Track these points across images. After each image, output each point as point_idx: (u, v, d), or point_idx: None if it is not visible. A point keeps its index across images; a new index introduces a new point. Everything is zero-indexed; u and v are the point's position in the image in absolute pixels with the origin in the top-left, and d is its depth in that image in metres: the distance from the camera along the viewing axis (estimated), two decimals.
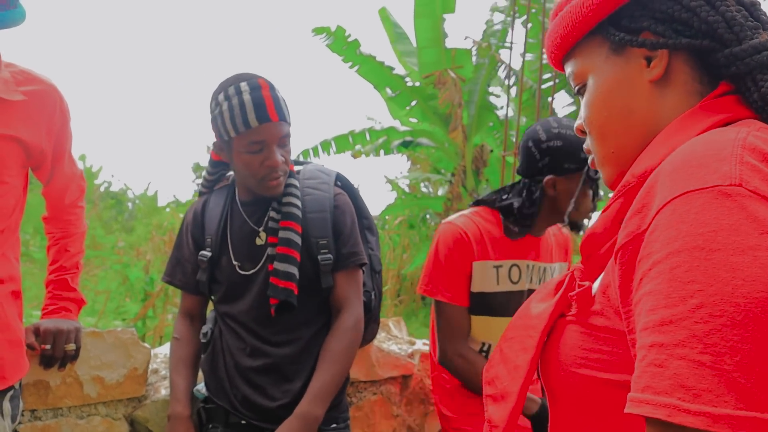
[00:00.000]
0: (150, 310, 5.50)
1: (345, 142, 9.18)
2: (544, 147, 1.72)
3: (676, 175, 0.57)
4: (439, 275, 1.79)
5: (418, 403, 2.35)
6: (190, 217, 1.76)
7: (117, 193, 15.41)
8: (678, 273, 0.52)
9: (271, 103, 1.55)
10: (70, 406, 1.73)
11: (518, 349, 0.79)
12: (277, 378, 1.62)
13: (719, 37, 0.69)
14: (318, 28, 8.31)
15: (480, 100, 8.51)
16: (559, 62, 0.84)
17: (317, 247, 1.64)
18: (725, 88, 0.70)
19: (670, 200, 0.56)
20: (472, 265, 1.77)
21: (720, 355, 0.48)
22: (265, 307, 1.61)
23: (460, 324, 1.79)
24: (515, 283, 1.79)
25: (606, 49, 0.76)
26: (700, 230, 0.53)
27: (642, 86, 0.73)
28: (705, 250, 0.52)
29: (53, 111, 1.52)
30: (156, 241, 8.82)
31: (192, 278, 1.72)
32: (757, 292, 0.49)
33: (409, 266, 9.63)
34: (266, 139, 1.55)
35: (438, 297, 1.80)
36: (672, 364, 0.50)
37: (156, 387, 1.91)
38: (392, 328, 2.60)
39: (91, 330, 1.78)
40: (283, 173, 1.61)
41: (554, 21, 0.81)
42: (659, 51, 0.72)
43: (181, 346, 1.73)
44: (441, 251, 1.80)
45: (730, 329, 0.48)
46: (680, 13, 0.70)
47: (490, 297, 1.79)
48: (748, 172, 0.55)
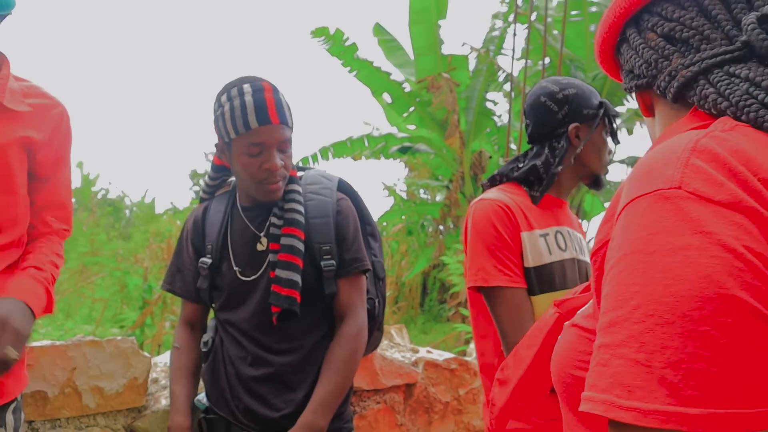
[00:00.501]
0: (148, 318, 5.46)
1: (343, 148, 9.17)
2: (561, 97, 1.64)
3: (633, 182, 0.61)
4: (489, 258, 1.55)
5: (422, 412, 2.32)
6: (191, 224, 1.73)
7: (114, 201, 15.40)
8: (623, 276, 0.56)
9: (272, 105, 1.52)
10: (68, 417, 1.70)
11: (525, 345, 0.90)
12: (279, 387, 1.59)
13: (649, 75, 0.76)
14: (317, 29, 8.34)
15: (478, 106, 8.51)
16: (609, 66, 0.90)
17: (320, 253, 1.61)
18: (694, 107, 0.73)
19: (624, 207, 0.59)
20: (521, 236, 1.57)
21: (652, 353, 0.51)
22: (266, 315, 1.58)
23: (526, 309, 1.53)
24: (564, 250, 1.63)
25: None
26: (641, 234, 0.56)
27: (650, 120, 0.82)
28: (644, 253, 0.55)
29: (57, 126, 1.52)
30: (153, 249, 8.79)
31: (192, 286, 1.69)
32: (685, 291, 0.51)
33: (408, 273, 9.61)
34: (265, 141, 1.52)
35: (494, 283, 1.53)
36: (613, 363, 0.53)
37: (156, 397, 1.88)
38: (394, 335, 2.57)
39: (90, 339, 1.75)
40: (282, 178, 1.58)
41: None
42: (634, 93, 0.81)
43: (182, 355, 1.69)
44: (484, 232, 1.56)
45: (661, 328, 0.51)
46: (634, 59, 0.78)
47: (547, 269, 1.59)
48: (690, 173, 0.56)
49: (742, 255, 0.52)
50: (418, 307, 10.29)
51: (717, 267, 0.51)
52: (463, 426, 2.38)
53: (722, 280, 0.51)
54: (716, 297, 0.51)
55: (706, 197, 0.54)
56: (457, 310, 7.28)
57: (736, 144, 0.58)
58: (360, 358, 1.64)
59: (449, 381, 2.39)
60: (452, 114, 8.18)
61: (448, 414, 2.37)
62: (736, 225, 0.53)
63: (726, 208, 0.54)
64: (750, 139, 0.59)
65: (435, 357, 2.41)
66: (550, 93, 1.65)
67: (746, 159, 0.56)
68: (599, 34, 0.82)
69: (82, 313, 6.49)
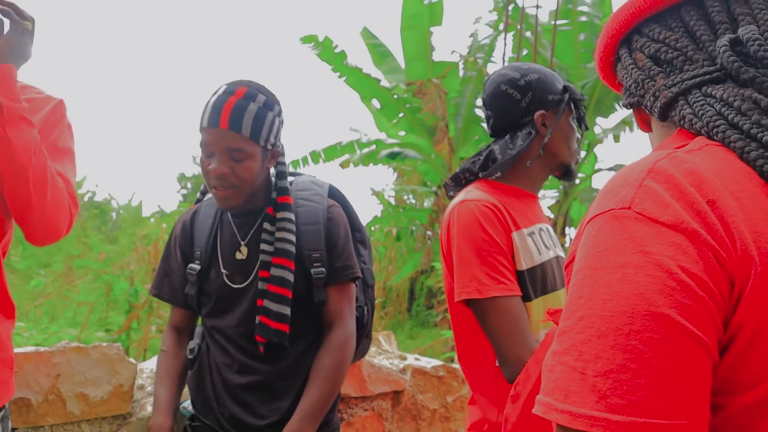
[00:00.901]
0: (134, 323, 5.42)
1: (334, 152, 9.17)
2: (523, 83, 1.51)
3: (596, 200, 0.65)
4: (481, 265, 1.38)
5: (409, 419, 2.31)
6: (179, 228, 1.71)
7: (101, 203, 15.28)
8: (575, 289, 0.60)
9: (229, 110, 1.48)
10: (52, 425, 1.68)
11: (534, 360, 0.94)
12: (265, 395, 1.58)
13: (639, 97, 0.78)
14: (306, 36, 8.34)
15: (467, 113, 8.55)
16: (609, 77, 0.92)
17: (310, 260, 1.60)
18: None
19: (585, 224, 0.64)
20: (512, 237, 1.42)
21: (587, 362, 0.55)
22: (254, 324, 1.57)
23: (524, 318, 1.37)
24: (549, 249, 1.53)
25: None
26: (592, 251, 0.60)
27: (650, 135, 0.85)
28: (592, 269, 0.59)
29: (51, 117, 1.48)
30: (140, 252, 8.73)
31: (180, 291, 1.67)
32: (620, 306, 0.55)
33: (394, 278, 9.61)
34: (210, 144, 1.51)
35: (490, 294, 1.36)
36: (557, 369, 0.58)
37: (142, 404, 1.86)
38: (382, 342, 2.57)
39: (75, 345, 1.73)
40: (230, 187, 1.52)
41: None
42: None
43: (168, 358, 1.68)
44: (473, 236, 1.40)
45: (597, 339, 0.55)
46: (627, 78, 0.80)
47: (540, 270, 1.47)
48: (641, 194, 0.60)
49: (676, 275, 0.55)
50: (405, 312, 10.29)
51: (650, 285, 0.55)
52: None
53: (653, 298, 0.55)
54: (647, 314, 0.54)
55: (652, 218, 0.58)
56: (444, 316, 7.28)
57: (693, 165, 0.61)
58: (348, 367, 1.63)
59: (437, 388, 2.39)
60: (441, 121, 8.20)
61: (435, 421, 2.36)
62: (675, 246, 0.56)
63: (669, 228, 0.57)
64: (716, 158, 0.62)
65: (423, 364, 2.41)
66: (511, 80, 1.52)
67: (699, 180, 0.59)
68: (597, 53, 0.84)
69: (67, 317, 6.43)
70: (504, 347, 1.35)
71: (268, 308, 1.54)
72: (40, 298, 6.83)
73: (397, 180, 12.14)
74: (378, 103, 8.82)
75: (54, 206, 1.34)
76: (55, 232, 1.40)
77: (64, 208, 1.39)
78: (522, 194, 1.55)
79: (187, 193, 23.17)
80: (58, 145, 1.46)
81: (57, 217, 1.37)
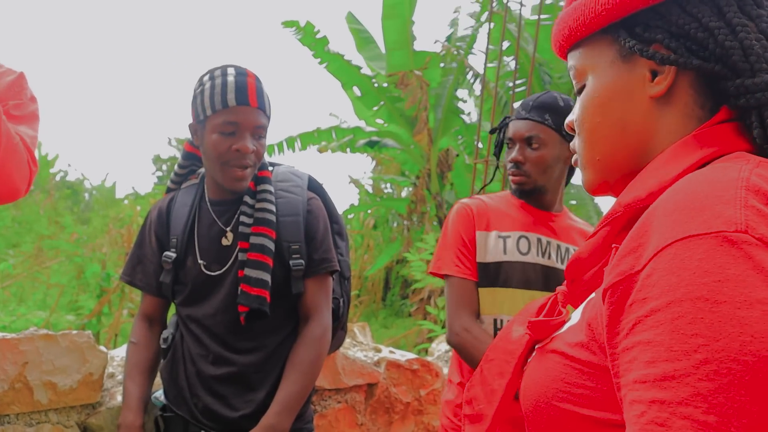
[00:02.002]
0: (105, 307, 5.34)
1: (310, 138, 9.11)
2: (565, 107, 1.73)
3: (676, 216, 0.54)
4: (446, 250, 1.74)
5: (382, 412, 2.31)
6: (155, 215, 1.68)
7: (73, 183, 15.04)
8: (680, 324, 0.49)
9: (253, 89, 1.52)
10: (18, 413, 1.64)
11: (495, 373, 0.79)
12: (240, 387, 1.57)
13: (732, 65, 0.65)
14: (287, 21, 8.27)
15: (447, 104, 8.54)
16: (564, 52, 0.80)
17: (289, 252, 1.59)
18: (724, 116, 0.67)
19: (669, 243, 0.53)
20: (476, 234, 1.71)
21: (726, 416, 0.45)
22: (231, 313, 1.55)
23: (468, 297, 1.68)
24: (524, 254, 1.70)
25: (613, 52, 0.72)
26: (704, 279, 0.49)
27: (642, 100, 0.70)
28: (710, 302, 0.48)
29: (9, 85, 1.47)
30: (113, 235, 8.61)
31: (154, 279, 1.65)
32: (767, 350, 0.46)
33: (370, 268, 9.61)
34: (241, 122, 1.50)
35: (445, 271, 1.71)
36: (675, 424, 0.47)
37: (112, 393, 1.83)
38: (357, 334, 2.56)
39: (45, 333, 1.69)
40: (251, 165, 1.55)
41: (567, 8, 0.77)
42: (666, 67, 0.68)
43: (138, 350, 1.65)
44: (448, 227, 1.76)
45: (737, 389, 0.45)
46: (696, 32, 0.66)
47: (495, 266, 1.70)
48: (753, 217, 0.51)
49: None
50: (380, 301, 10.32)
51: None
52: (423, 426, 2.39)
53: None
54: None
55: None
56: (419, 306, 7.30)
57: None
58: (324, 360, 1.63)
59: (411, 381, 2.39)
60: (422, 111, 8.18)
61: (408, 414, 2.37)
62: None
63: None
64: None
65: (397, 357, 2.41)
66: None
67: None
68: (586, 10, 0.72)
69: (36, 299, 6.32)
70: (448, 315, 1.71)
71: (248, 276, 1.53)
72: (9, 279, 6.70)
73: (375, 168, 12.13)
74: (358, 91, 8.77)
75: (8, 162, 1.32)
76: (12, 191, 1.38)
77: (21, 166, 1.36)
78: (523, 206, 1.75)
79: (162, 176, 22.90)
80: (13, 113, 1.44)
81: (12, 173, 1.34)
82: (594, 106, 0.73)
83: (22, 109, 1.48)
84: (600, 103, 0.73)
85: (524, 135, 1.68)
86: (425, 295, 7.14)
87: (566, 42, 0.77)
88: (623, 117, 0.71)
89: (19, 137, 1.37)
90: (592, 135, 0.74)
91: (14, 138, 1.33)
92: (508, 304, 1.66)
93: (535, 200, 1.74)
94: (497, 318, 1.68)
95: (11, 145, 1.32)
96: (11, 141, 1.32)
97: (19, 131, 1.39)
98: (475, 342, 1.62)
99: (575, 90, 0.79)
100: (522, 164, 1.69)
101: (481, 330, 1.65)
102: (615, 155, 0.72)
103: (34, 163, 1.43)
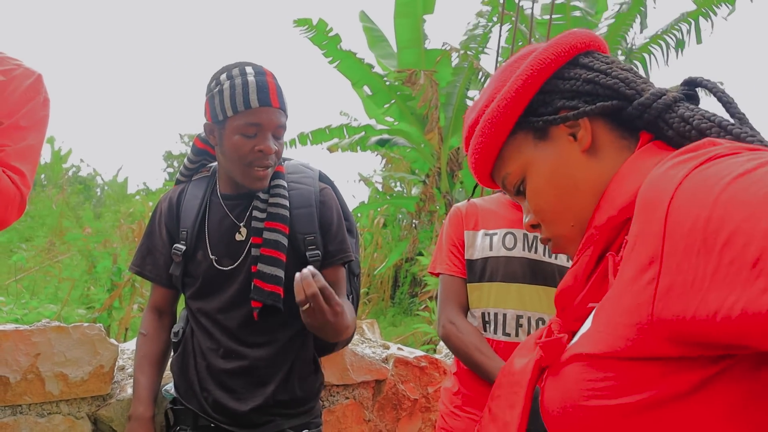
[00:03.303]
0: (116, 301, 5.38)
1: (322, 135, 9.13)
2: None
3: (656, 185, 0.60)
4: (439, 251, 1.86)
5: (390, 409, 2.32)
6: (165, 206, 1.68)
7: (85, 179, 15.13)
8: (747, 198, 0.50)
9: (274, 89, 1.51)
10: (30, 404, 1.66)
11: (505, 407, 0.80)
12: (250, 381, 1.57)
13: (623, 95, 0.78)
14: (299, 19, 8.26)
15: (458, 102, 8.53)
16: (488, 176, 0.90)
17: (305, 244, 1.59)
18: (647, 137, 0.78)
19: (675, 190, 0.57)
20: (464, 234, 1.82)
21: None
22: (243, 307, 1.55)
23: (455, 293, 1.79)
24: (509, 249, 1.77)
25: (530, 139, 0.83)
26: (727, 172, 0.53)
27: (578, 159, 0.80)
28: (747, 179, 0.51)
29: (26, 90, 1.47)
30: (124, 230, 8.66)
31: (164, 270, 1.65)
32: None
33: (380, 267, 9.61)
34: (263, 123, 1.49)
35: (436, 270, 1.84)
36: None
37: (122, 385, 1.84)
38: (366, 330, 2.57)
39: (56, 325, 1.70)
40: (272, 164, 1.55)
41: (472, 140, 0.88)
42: (580, 122, 0.79)
43: (148, 342, 1.66)
44: (443, 229, 1.89)
45: None
46: (583, 86, 0.80)
47: (482, 263, 1.78)
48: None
49: None
50: (388, 299, 10.31)
51: None
52: (431, 423, 2.39)
53: None
54: None
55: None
56: (427, 305, 7.30)
57: None
58: (351, 334, 1.61)
59: (418, 378, 2.39)
60: (433, 109, 8.18)
61: (416, 411, 2.37)
62: None
63: None
64: None
65: (405, 354, 2.41)
66: None
67: None
68: (493, 119, 0.83)
69: (48, 293, 6.37)
70: (438, 310, 1.83)
71: (262, 272, 1.53)
72: (21, 273, 6.76)
73: (385, 167, 12.12)
74: (369, 90, 8.77)
75: None
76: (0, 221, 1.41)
77: (5, 196, 1.38)
78: (512, 204, 1.83)
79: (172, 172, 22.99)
80: (23, 123, 1.46)
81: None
82: (544, 187, 0.82)
83: (33, 117, 1.48)
84: (547, 181, 0.82)
85: None
86: (434, 294, 7.13)
87: (486, 162, 0.87)
88: (572, 179, 0.80)
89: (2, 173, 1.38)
90: (556, 210, 0.82)
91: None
92: (495, 297, 1.73)
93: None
94: (485, 311, 1.75)
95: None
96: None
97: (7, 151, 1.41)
98: (458, 333, 1.73)
99: (511, 196, 0.89)
100: None
101: (466, 322, 1.75)
102: (582, 212, 0.80)
103: (26, 185, 1.44)
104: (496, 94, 0.85)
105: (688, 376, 0.56)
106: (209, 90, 1.55)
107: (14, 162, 1.41)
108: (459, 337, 1.72)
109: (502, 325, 1.70)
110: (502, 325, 1.70)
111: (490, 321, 1.72)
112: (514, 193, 0.87)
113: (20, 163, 1.42)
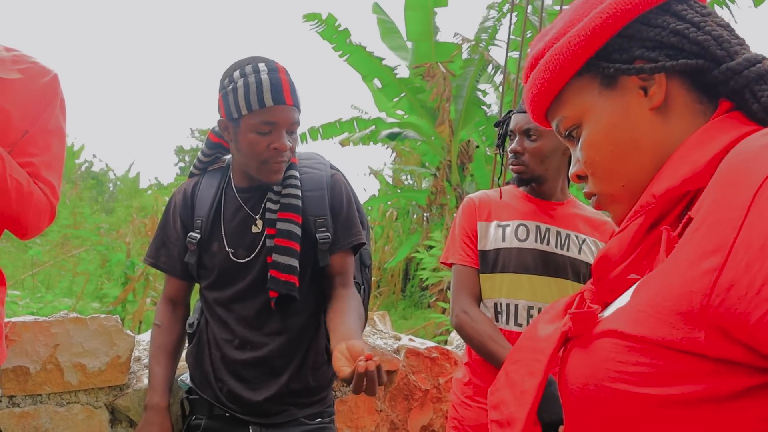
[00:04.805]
0: (130, 295, 5.44)
1: (333, 129, 9.14)
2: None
3: (750, 159, 0.54)
4: (453, 241, 1.87)
5: (401, 399, 2.34)
6: (179, 197, 1.70)
7: (98, 174, 15.24)
8: None
9: (287, 86, 1.52)
10: (49, 393, 1.70)
11: (525, 373, 0.75)
12: (264, 371, 1.59)
13: (712, 55, 0.69)
14: (309, 14, 8.26)
15: (468, 95, 8.51)
16: (543, 114, 0.82)
17: (315, 226, 1.61)
18: (727, 106, 0.69)
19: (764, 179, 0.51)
20: (477, 225, 1.83)
21: None
22: (259, 297, 1.58)
23: (468, 283, 1.81)
24: (522, 240, 1.79)
25: (596, 85, 0.75)
26: None
27: (644, 116, 0.72)
28: None
29: (44, 89, 1.48)
30: (136, 224, 8.73)
31: (178, 261, 1.67)
32: None
33: (391, 260, 9.63)
34: (278, 121, 1.51)
35: (449, 260, 1.86)
36: None
37: (138, 376, 1.88)
38: (377, 322, 2.59)
39: (74, 316, 1.74)
40: (287, 160, 1.57)
41: (534, 72, 0.79)
42: (656, 77, 0.71)
43: (162, 333, 1.68)
44: (456, 220, 1.90)
45: None
46: (669, 38, 0.70)
47: (495, 254, 1.80)
48: None
49: None
50: (399, 292, 10.34)
51: None
52: (442, 414, 2.41)
53: None
54: None
55: None
56: (438, 297, 7.32)
57: None
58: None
59: (430, 369, 2.41)
60: (444, 102, 8.16)
61: (427, 402, 2.39)
62: None
63: None
64: None
65: (417, 345, 2.43)
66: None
67: None
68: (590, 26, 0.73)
69: (63, 287, 6.44)
70: (452, 300, 1.84)
71: (277, 262, 1.55)
72: (37, 267, 6.84)
73: (395, 160, 12.13)
74: (379, 83, 8.77)
75: (23, 209, 1.39)
76: (32, 230, 1.45)
77: (37, 208, 1.42)
78: (524, 196, 1.85)
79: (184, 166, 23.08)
80: (48, 127, 1.48)
81: (28, 217, 1.41)
82: (601, 140, 0.75)
83: (55, 122, 1.50)
84: (606, 134, 0.74)
85: (523, 127, 1.78)
86: (444, 287, 7.14)
87: (546, 98, 0.79)
88: (633, 137, 0.72)
89: (31, 182, 1.41)
90: (609, 166, 0.75)
91: (24, 189, 1.38)
92: (507, 288, 1.75)
93: (536, 190, 1.83)
94: (497, 302, 1.77)
95: (23, 198, 1.38)
96: (22, 194, 1.37)
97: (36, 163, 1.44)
98: (471, 323, 1.74)
99: (563, 139, 0.81)
100: (521, 154, 1.78)
101: (479, 311, 1.77)
102: (637, 174, 0.73)
103: (55, 196, 1.48)
104: (569, 28, 0.76)
105: (732, 381, 0.52)
106: (222, 87, 1.56)
107: (45, 174, 1.45)
108: (472, 326, 1.73)
109: (514, 316, 1.72)
110: (514, 316, 1.72)
111: (502, 311, 1.74)
112: (564, 136, 0.80)
113: (49, 175, 1.47)
